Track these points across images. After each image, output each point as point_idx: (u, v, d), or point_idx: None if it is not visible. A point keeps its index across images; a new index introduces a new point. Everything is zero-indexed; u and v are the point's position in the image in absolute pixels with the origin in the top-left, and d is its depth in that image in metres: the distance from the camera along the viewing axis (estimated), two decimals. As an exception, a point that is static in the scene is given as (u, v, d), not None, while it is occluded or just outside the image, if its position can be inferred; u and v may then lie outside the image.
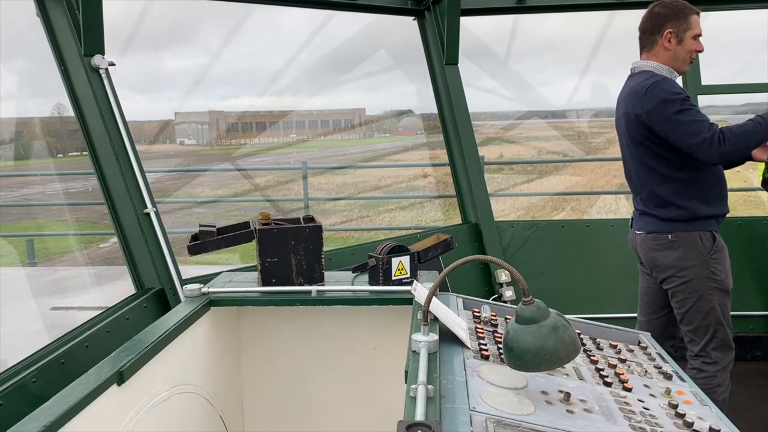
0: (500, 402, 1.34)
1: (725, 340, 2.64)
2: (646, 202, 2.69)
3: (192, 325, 2.06)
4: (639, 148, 2.65)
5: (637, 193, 2.76)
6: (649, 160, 2.63)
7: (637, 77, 2.65)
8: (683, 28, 2.59)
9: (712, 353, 2.63)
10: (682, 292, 2.63)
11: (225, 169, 16.20)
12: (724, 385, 2.64)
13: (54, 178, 10.69)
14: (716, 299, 2.59)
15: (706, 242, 2.58)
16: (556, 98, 25.80)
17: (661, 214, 2.63)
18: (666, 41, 2.61)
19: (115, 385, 1.58)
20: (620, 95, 2.76)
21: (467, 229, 4.34)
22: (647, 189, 2.67)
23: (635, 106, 2.58)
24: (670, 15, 2.60)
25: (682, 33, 2.59)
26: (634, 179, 2.76)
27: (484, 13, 4.41)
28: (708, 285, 2.59)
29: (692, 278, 2.59)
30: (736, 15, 4.48)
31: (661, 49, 2.63)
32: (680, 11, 2.60)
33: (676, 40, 2.60)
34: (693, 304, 2.61)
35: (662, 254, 2.64)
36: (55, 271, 8.92)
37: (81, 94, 3.00)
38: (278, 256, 2.26)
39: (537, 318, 1.38)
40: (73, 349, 2.44)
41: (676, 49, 2.61)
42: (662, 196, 2.62)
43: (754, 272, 4.19)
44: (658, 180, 2.62)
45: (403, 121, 24.39)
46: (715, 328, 2.61)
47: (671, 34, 2.60)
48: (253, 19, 4.94)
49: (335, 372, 2.47)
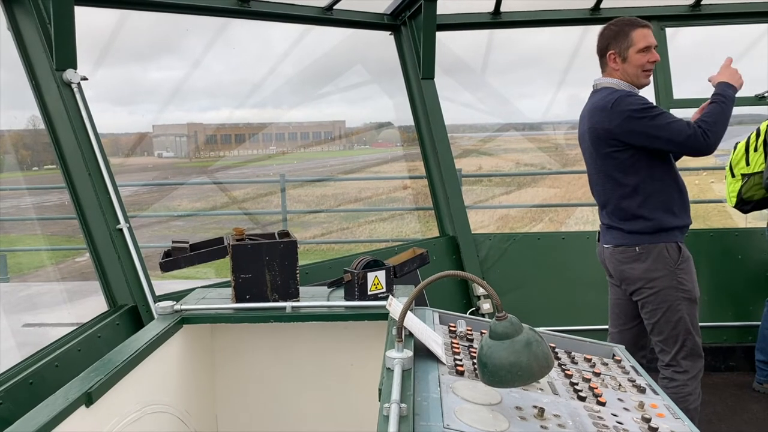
0: (474, 419, 1.33)
1: (695, 348, 2.67)
2: (612, 215, 2.72)
3: (164, 343, 2.02)
4: (606, 161, 2.67)
5: (603, 207, 2.79)
6: (615, 172, 2.65)
7: (599, 93, 2.69)
8: (624, 46, 2.63)
9: (683, 362, 2.66)
10: (651, 302, 2.66)
11: (202, 183, 16.09)
12: (695, 394, 2.67)
13: (28, 192, 10.52)
14: (684, 309, 2.63)
15: (672, 253, 2.62)
16: (533, 111, 26.09)
17: (627, 227, 2.66)
18: (612, 62, 2.67)
19: (83, 406, 1.54)
20: (583, 111, 2.79)
21: (444, 241, 4.35)
22: (612, 203, 2.70)
23: (601, 120, 2.61)
24: (611, 36, 2.66)
25: (624, 51, 2.64)
26: (599, 193, 2.79)
27: (460, 27, 4.45)
28: (676, 295, 2.62)
29: (661, 289, 2.62)
30: (709, 30, 4.59)
31: (611, 70, 2.69)
32: (620, 31, 2.65)
33: (620, 59, 2.65)
34: (662, 314, 2.64)
35: (630, 267, 2.67)
36: (28, 286, 8.74)
37: (52, 109, 2.96)
38: (252, 272, 2.24)
39: (510, 333, 1.38)
40: (42, 369, 2.38)
41: (624, 67, 2.66)
42: (628, 209, 2.65)
43: (727, 283, 4.25)
44: (625, 193, 2.65)
45: (383, 134, 24.49)
46: (685, 337, 2.65)
47: (614, 54, 2.65)
48: (234, 32, 4.93)
49: (311, 389, 2.44)
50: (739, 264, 4.24)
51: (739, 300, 4.25)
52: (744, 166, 3.72)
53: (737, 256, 4.24)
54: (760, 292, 4.13)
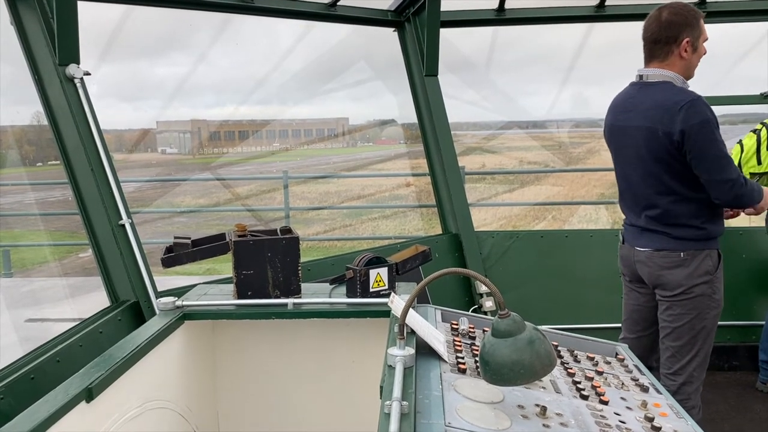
0: (476, 417, 1.32)
1: (706, 359, 2.62)
2: (656, 219, 2.56)
3: (165, 339, 2.02)
4: (659, 164, 2.49)
5: (642, 209, 2.60)
6: (668, 178, 2.50)
7: (659, 89, 2.49)
8: (697, 34, 2.47)
9: (692, 372, 2.60)
10: (682, 306, 2.56)
11: (205, 179, 16.11)
12: (697, 407, 2.61)
13: (32, 187, 10.53)
14: (710, 318, 2.56)
15: (714, 260, 2.55)
16: (537, 109, 26.08)
17: (674, 233, 2.53)
18: (683, 51, 2.46)
19: (83, 402, 1.54)
20: (629, 104, 2.59)
21: (447, 239, 4.33)
22: (661, 207, 2.54)
23: (666, 122, 2.40)
24: (685, 23, 2.45)
25: (696, 40, 2.47)
26: (643, 195, 2.59)
27: (464, 24, 4.43)
28: (708, 304, 2.55)
29: (697, 295, 2.53)
30: (714, 27, 4.56)
31: (677, 59, 2.48)
32: (693, 18, 2.46)
33: (692, 48, 2.47)
34: (689, 320, 2.56)
35: (671, 272, 2.55)
36: (31, 282, 8.77)
37: (55, 104, 2.95)
38: (254, 269, 2.23)
39: (513, 331, 1.37)
40: (43, 364, 2.38)
41: (692, 58, 2.49)
42: (679, 215, 2.52)
43: (732, 282, 4.19)
44: (676, 199, 2.51)
45: (386, 131, 24.48)
46: (700, 346, 2.58)
47: (688, 43, 2.45)
48: (240, 28, 4.92)
49: (312, 386, 2.43)
50: (743, 263, 4.22)
51: (743, 299, 4.22)
52: (755, 165, 3.63)
53: (741, 255, 4.22)
54: (764, 292, 4.11)
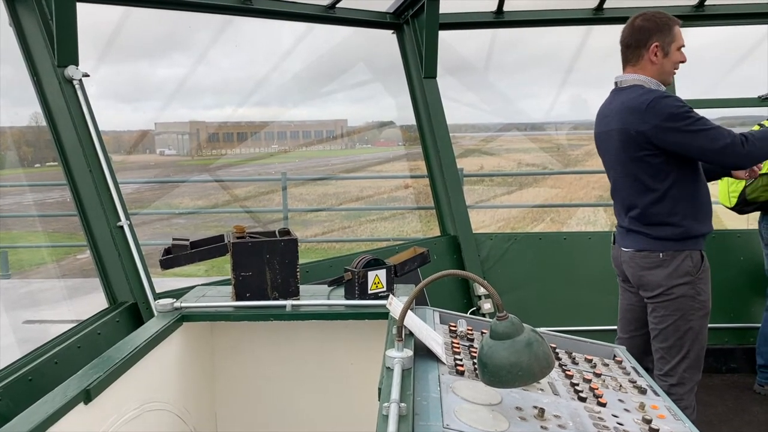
0: (474, 419, 1.32)
1: (697, 361, 2.61)
2: (636, 220, 2.61)
3: (164, 340, 2.02)
4: (636, 164, 2.54)
5: (626, 210, 2.66)
6: (645, 177, 2.54)
7: (628, 92, 2.56)
8: (668, 40, 2.54)
9: (682, 373, 2.60)
10: (665, 308, 2.58)
11: (204, 180, 16.09)
12: (691, 407, 2.61)
13: (31, 188, 10.51)
14: (696, 320, 2.56)
15: (695, 261, 2.55)
16: (535, 111, 26.08)
17: (654, 233, 2.56)
18: (652, 55, 2.55)
19: (81, 403, 1.54)
20: (607, 110, 2.67)
21: (446, 241, 4.34)
22: (639, 207, 2.58)
23: (635, 122, 2.47)
24: (655, 28, 2.55)
25: (667, 46, 2.54)
26: (624, 197, 2.66)
27: (463, 27, 4.44)
28: (691, 305, 2.55)
29: (678, 296, 2.55)
30: (712, 31, 4.57)
31: (648, 63, 2.56)
32: (664, 24, 2.55)
33: (663, 53, 2.55)
34: (673, 322, 2.57)
35: (650, 272, 2.58)
36: (29, 283, 8.75)
37: (54, 106, 2.96)
38: (252, 270, 2.23)
39: (511, 333, 1.37)
40: (41, 365, 2.38)
41: (663, 63, 2.56)
42: (657, 214, 2.55)
43: (729, 285, 4.24)
44: (654, 198, 2.54)
45: (385, 133, 24.45)
46: (689, 348, 2.58)
47: (657, 47, 2.54)
48: (239, 29, 4.92)
49: (310, 387, 2.43)
50: (740, 265, 4.23)
51: (740, 301, 4.23)
52: None
53: (739, 257, 4.23)
54: (760, 294, 4.12)
